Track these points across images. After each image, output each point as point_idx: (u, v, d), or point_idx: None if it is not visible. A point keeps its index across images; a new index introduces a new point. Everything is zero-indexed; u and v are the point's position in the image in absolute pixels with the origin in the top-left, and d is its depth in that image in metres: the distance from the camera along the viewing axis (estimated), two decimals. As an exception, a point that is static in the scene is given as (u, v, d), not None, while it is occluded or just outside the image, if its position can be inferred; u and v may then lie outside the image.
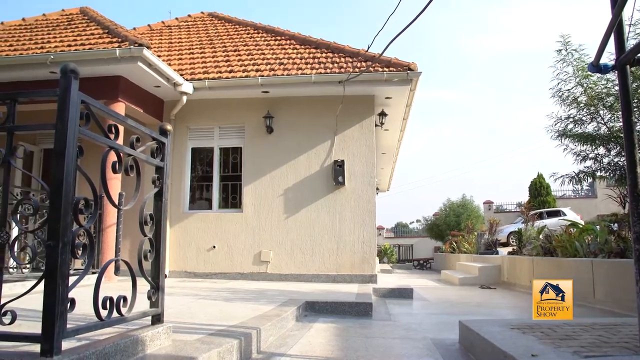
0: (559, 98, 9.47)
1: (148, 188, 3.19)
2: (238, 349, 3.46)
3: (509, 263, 12.08)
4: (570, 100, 9.34)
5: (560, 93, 9.43)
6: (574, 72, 9.16)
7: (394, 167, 20.15)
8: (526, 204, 21.52)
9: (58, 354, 2.14)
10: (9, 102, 2.45)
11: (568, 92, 9.35)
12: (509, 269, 11.91)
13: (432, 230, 27.96)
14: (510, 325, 4.05)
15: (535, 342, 3.35)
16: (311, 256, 10.03)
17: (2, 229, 2.39)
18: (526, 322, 4.21)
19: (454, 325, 4.83)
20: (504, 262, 12.58)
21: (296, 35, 12.82)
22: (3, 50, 9.71)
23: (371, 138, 10.32)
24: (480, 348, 3.72)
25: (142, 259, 2.95)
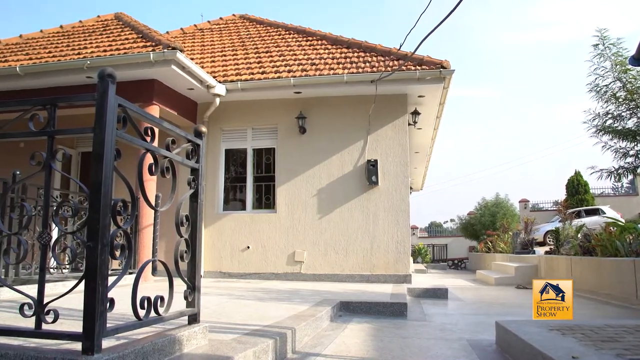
0: (597, 94, 9.26)
1: (183, 190, 3.23)
2: (273, 348, 3.48)
3: (546, 263, 11.86)
4: (608, 95, 9.13)
5: (597, 88, 9.22)
6: (612, 66, 8.95)
7: (427, 166, 19.99)
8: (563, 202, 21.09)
9: (99, 352, 2.18)
10: (49, 106, 2.51)
11: (606, 88, 9.14)
12: (546, 268, 11.69)
13: (466, 229, 27.64)
14: (549, 327, 3.97)
15: (576, 343, 3.28)
16: (345, 256, 10.03)
17: (44, 230, 2.46)
18: (565, 323, 4.12)
19: (490, 326, 4.77)
20: (540, 262, 12.36)
21: (327, 36, 12.82)
22: (43, 57, 9.97)
23: (404, 137, 10.26)
24: (518, 349, 3.66)
25: (179, 259, 2.99)
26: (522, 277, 12.29)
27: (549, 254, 12.31)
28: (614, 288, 7.90)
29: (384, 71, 9.80)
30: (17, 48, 11.27)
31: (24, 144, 10.82)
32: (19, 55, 10.46)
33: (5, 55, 10.75)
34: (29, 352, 2.29)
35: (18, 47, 11.38)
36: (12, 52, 10.89)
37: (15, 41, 11.89)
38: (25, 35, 12.15)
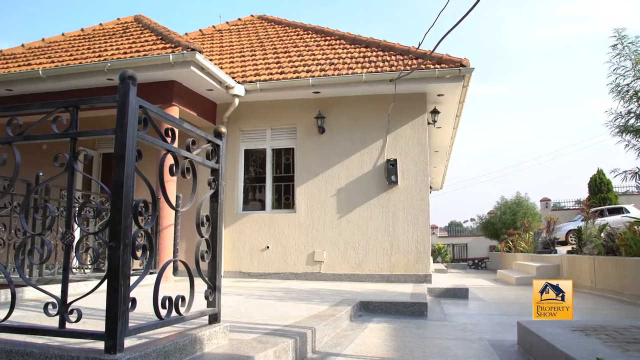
0: (617, 93, 9.10)
1: (203, 190, 3.25)
2: (293, 348, 3.48)
3: (568, 262, 11.71)
4: (630, 95, 8.97)
5: (618, 88, 9.06)
6: (633, 65, 8.79)
7: (447, 165, 19.88)
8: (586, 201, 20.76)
9: (121, 351, 2.20)
10: (71, 109, 2.55)
11: (627, 87, 8.98)
12: (569, 268, 11.55)
13: (487, 229, 27.37)
14: (572, 327, 3.92)
15: (600, 345, 3.23)
16: (364, 256, 10.01)
17: (67, 230, 2.49)
18: (589, 324, 4.07)
19: (511, 326, 4.72)
20: (562, 262, 12.21)
21: (346, 35, 12.80)
22: (64, 60, 10.10)
23: (424, 136, 10.21)
24: (540, 350, 3.62)
25: (200, 259, 3.00)
26: (543, 277, 12.14)
27: (571, 254, 12.14)
28: (639, 288, 7.78)
29: (402, 70, 9.76)
30: (39, 51, 11.44)
31: (47, 145, 10.99)
32: (41, 59, 10.62)
33: (28, 58, 10.92)
34: (53, 350, 2.32)
35: (41, 50, 11.55)
36: (35, 56, 11.06)
37: (38, 45, 12.07)
38: (48, 39, 12.33)
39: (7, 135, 2.67)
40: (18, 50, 11.86)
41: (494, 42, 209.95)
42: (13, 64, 10.61)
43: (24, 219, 2.74)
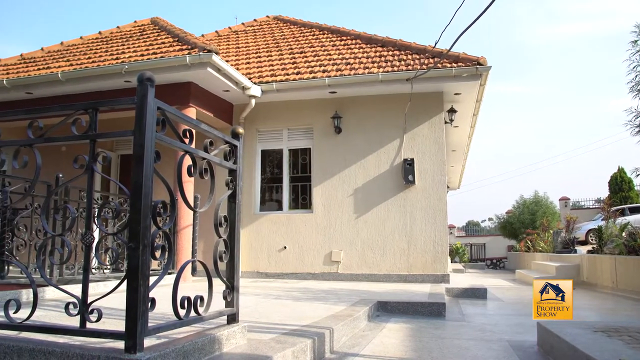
0: (638, 92, 8.95)
1: (220, 191, 3.26)
2: (311, 348, 3.48)
3: (588, 262, 11.59)
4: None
5: (638, 86, 8.90)
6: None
7: (464, 164, 19.77)
8: (606, 199, 20.53)
9: (141, 350, 2.22)
10: (91, 111, 2.57)
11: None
12: (589, 268, 11.42)
13: (505, 228, 27.14)
14: (594, 328, 3.88)
15: (623, 346, 3.19)
16: (382, 256, 9.98)
17: (87, 231, 2.51)
18: (611, 324, 4.02)
19: (531, 327, 4.68)
20: (583, 261, 12.07)
21: (362, 35, 12.78)
22: (83, 63, 10.21)
23: (441, 135, 10.16)
24: (561, 351, 3.59)
25: (218, 259, 3.02)
26: (563, 276, 12.02)
27: (591, 253, 12.01)
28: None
29: (419, 69, 9.71)
30: (58, 55, 11.58)
31: (66, 147, 11.13)
32: (60, 62, 10.74)
33: (47, 62, 11.06)
34: (74, 349, 2.35)
35: (59, 54, 11.69)
36: (54, 59, 11.19)
37: (57, 48, 12.22)
38: (66, 42, 12.47)
39: (28, 137, 2.71)
40: (38, 54, 12.01)
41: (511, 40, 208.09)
42: (33, 68, 10.76)
43: (45, 220, 2.78)
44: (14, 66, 11.35)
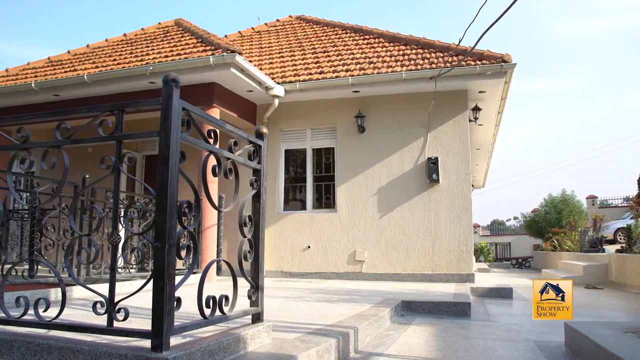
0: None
1: (244, 191, 3.27)
2: (336, 348, 3.48)
3: (617, 261, 11.38)
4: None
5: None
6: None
7: (489, 162, 19.57)
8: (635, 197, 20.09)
9: (167, 349, 2.24)
10: (117, 112, 2.60)
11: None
12: (618, 268, 11.22)
13: (530, 227, 26.78)
14: (623, 329, 3.80)
15: (653, 347, 3.12)
16: (406, 255, 9.93)
17: (114, 231, 2.54)
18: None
19: (558, 327, 4.61)
20: (611, 261, 11.87)
21: (384, 33, 12.72)
22: (108, 64, 10.35)
23: (465, 134, 10.07)
24: (590, 352, 3.52)
25: (242, 259, 3.03)
26: (591, 276, 11.84)
27: (620, 253, 11.79)
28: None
29: (443, 67, 9.64)
30: (84, 57, 11.74)
31: (92, 148, 11.29)
32: (86, 64, 10.90)
33: (74, 64, 11.23)
34: (102, 348, 2.38)
35: (85, 56, 11.86)
36: (80, 62, 11.36)
37: (83, 51, 12.40)
38: (92, 45, 12.65)
39: (56, 139, 2.74)
40: (64, 56, 12.20)
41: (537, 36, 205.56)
42: (60, 70, 10.93)
43: (72, 220, 2.82)
44: (42, 69, 11.55)
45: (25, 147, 2.90)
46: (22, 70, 11.79)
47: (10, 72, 11.75)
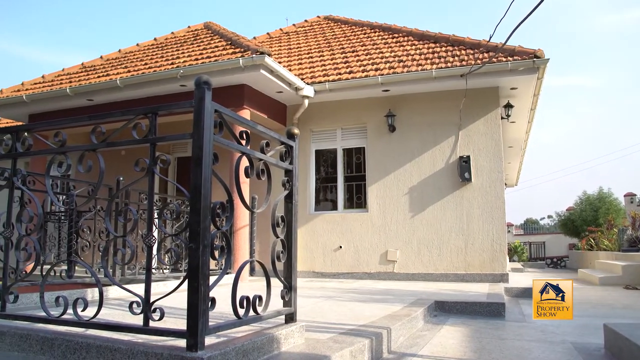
0: None
1: (276, 191, 3.28)
2: (369, 348, 3.46)
3: (657, 261, 11.08)
4: None
5: None
6: None
7: (522, 160, 19.29)
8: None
9: (202, 349, 2.27)
10: (150, 115, 2.64)
11: None
12: (659, 267, 10.92)
13: (566, 226, 26.27)
14: (667, 330, 3.69)
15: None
16: (438, 255, 9.85)
17: (149, 232, 2.58)
18: (686, 327, 3.82)
19: (597, 329, 4.51)
20: (651, 260, 11.56)
21: (414, 31, 12.64)
22: (139, 69, 10.51)
23: (497, 131, 9.94)
24: (631, 355, 3.42)
25: (275, 259, 3.04)
26: (630, 276, 11.55)
27: (660, 251, 11.48)
28: None
29: (473, 64, 9.53)
30: (116, 62, 11.95)
31: (125, 151, 11.47)
32: (118, 69, 11.09)
33: (107, 69, 11.43)
34: (138, 347, 2.42)
35: (117, 61, 12.06)
36: (113, 66, 11.56)
37: (115, 56, 12.61)
38: (124, 50, 12.86)
39: (91, 142, 2.80)
40: (97, 62, 12.43)
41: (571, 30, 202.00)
42: (93, 75, 11.14)
43: (109, 222, 2.86)
44: (76, 75, 11.79)
45: (63, 151, 2.97)
46: (57, 76, 12.05)
47: (46, 78, 12.01)
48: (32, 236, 3.19)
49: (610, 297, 8.97)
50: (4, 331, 2.92)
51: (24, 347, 2.82)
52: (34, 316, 3.06)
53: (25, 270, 4.51)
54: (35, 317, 3.02)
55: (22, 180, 3.36)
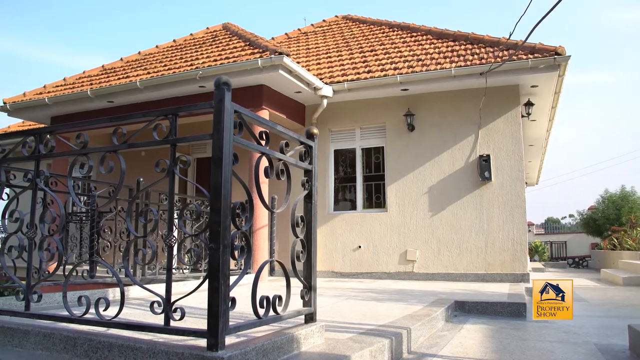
0: None
1: (295, 191, 3.28)
2: (389, 348, 3.45)
3: (682, 260, 10.89)
4: None
5: None
6: None
7: (542, 159, 19.08)
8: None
9: (222, 348, 2.28)
10: (171, 116, 2.66)
11: None
12: (683, 266, 10.73)
13: (588, 225, 25.93)
14: (694, 331, 3.62)
15: None
16: (458, 255, 9.79)
17: (170, 232, 2.60)
18: None
19: (621, 330, 4.44)
20: (676, 259, 11.37)
21: (432, 30, 12.57)
22: (159, 70, 10.59)
23: (517, 130, 9.84)
24: (656, 355, 3.37)
25: (295, 259, 3.04)
26: (655, 276, 11.37)
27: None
28: None
29: (493, 62, 9.45)
30: (136, 64, 12.05)
31: (144, 152, 11.58)
32: (138, 71, 11.18)
33: (126, 71, 11.54)
34: (159, 346, 2.44)
35: (137, 63, 12.16)
36: (132, 68, 11.66)
37: (135, 58, 12.72)
38: (143, 52, 12.96)
39: (112, 143, 2.83)
40: (117, 64, 12.55)
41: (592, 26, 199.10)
42: (113, 77, 11.25)
43: (130, 223, 2.89)
44: (97, 77, 11.91)
45: (85, 152, 3.00)
46: (78, 79, 12.19)
47: (67, 81, 12.16)
48: (55, 237, 3.22)
49: (635, 298, 8.84)
50: (29, 330, 2.97)
51: (48, 345, 2.86)
52: (57, 315, 3.10)
53: (48, 270, 4.58)
54: (58, 317, 3.06)
55: (45, 181, 3.41)
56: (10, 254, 3.40)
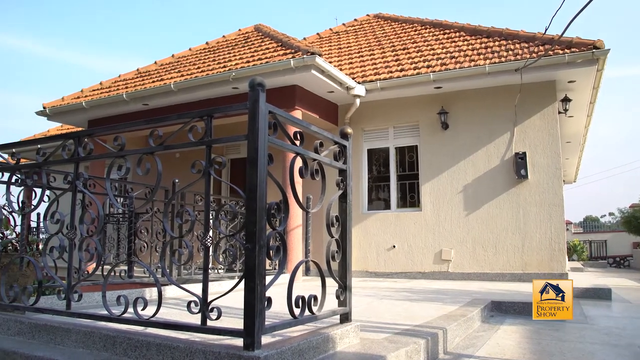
0: None
1: (330, 191, 3.28)
2: (425, 348, 3.42)
3: None
4: None
5: None
6: None
7: (580, 156, 18.67)
8: None
9: (259, 348, 2.29)
10: (206, 118, 2.68)
11: None
12: None
13: (629, 223, 25.24)
14: None
15: None
16: (494, 254, 9.65)
17: (206, 233, 2.62)
18: None
19: (667, 332, 4.31)
20: None
21: (465, 27, 12.42)
22: (192, 72, 10.72)
23: (554, 126, 9.65)
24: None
25: (330, 259, 3.04)
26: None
27: None
28: None
29: (528, 58, 9.28)
30: (170, 67, 12.22)
31: (179, 154, 11.74)
32: (172, 73, 11.34)
33: (160, 74, 11.71)
34: (196, 345, 2.47)
35: (171, 66, 12.34)
36: (166, 71, 11.83)
37: (169, 61, 12.91)
38: (177, 55, 13.15)
39: (149, 145, 2.87)
40: (152, 67, 12.75)
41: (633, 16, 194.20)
42: (148, 80, 11.44)
43: (167, 224, 2.93)
44: (132, 80, 12.12)
45: (122, 154, 3.05)
46: (114, 82, 12.43)
47: (103, 85, 12.40)
48: (94, 237, 3.29)
49: (679, 298, 8.57)
50: (70, 329, 3.04)
51: (88, 343, 2.92)
52: (97, 314, 3.16)
53: (87, 270, 4.67)
54: (98, 316, 3.13)
55: (84, 183, 3.48)
56: (52, 255, 3.48)
